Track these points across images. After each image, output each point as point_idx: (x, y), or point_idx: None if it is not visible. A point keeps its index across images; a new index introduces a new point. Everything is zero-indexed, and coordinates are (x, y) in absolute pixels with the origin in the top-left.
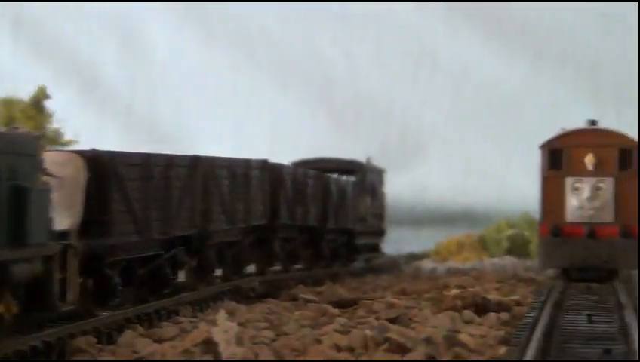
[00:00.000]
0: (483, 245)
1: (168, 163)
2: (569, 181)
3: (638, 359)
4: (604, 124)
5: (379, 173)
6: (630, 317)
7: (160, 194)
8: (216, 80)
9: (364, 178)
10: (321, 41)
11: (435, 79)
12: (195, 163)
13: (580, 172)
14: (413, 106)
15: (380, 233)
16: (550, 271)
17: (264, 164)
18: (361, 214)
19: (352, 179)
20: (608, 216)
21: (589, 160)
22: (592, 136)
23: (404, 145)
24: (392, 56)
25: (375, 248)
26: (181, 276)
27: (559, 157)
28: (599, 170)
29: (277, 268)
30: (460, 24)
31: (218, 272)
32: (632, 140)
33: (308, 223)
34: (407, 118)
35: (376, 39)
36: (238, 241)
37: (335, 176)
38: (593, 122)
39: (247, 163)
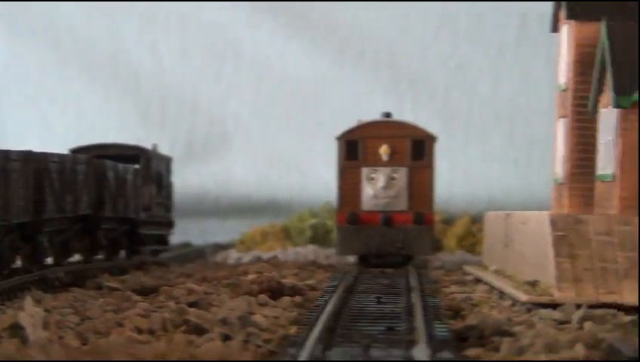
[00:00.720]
0: (287, 234)
1: None
2: (365, 171)
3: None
4: (402, 115)
5: (166, 161)
6: (416, 298)
7: None
8: (22, 76)
9: (149, 165)
10: (126, 36)
11: (239, 72)
12: None
13: (375, 162)
14: (217, 99)
15: (168, 224)
16: (349, 258)
17: (26, 156)
18: (146, 203)
19: (136, 166)
20: (402, 204)
21: (384, 151)
22: (386, 128)
23: (209, 136)
24: (196, 51)
25: (163, 240)
26: None
27: (355, 148)
28: (393, 161)
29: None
30: (263, 19)
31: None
32: (424, 131)
33: (79, 212)
34: (212, 111)
35: (180, 34)
36: None
37: (114, 162)
38: (388, 114)
39: (5, 155)
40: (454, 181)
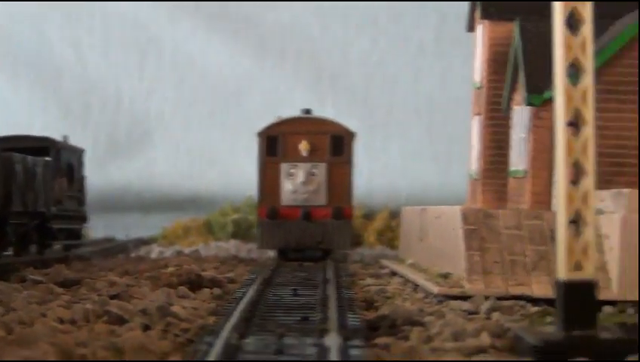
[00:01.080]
0: (209, 229)
1: None
2: (284, 166)
3: None
4: (324, 112)
5: (78, 153)
6: (331, 290)
7: None
8: None
9: (59, 157)
10: (50, 33)
11: (161, 69)
12: None
13: (295, 158)
14: (140, 95)
15: (81, 218)
16: (270, 252)
17: None
18: (57, 196)
19: (46, 158)
20: (322, 199)
21: (304, 146)
22: (306, 124)
23: (131, 132)
24: (119, 47)
25: (75, 234)
26: None
27: (275, 144)
28: (313, 156)
29: None
30: (185, 16)
31: None
32: (343, 128)
33: None
34: (135, 107)
35: (103, 30)
36: None
37: (22, 154)
38: (307, 111)
39: None
40: (375, 176)
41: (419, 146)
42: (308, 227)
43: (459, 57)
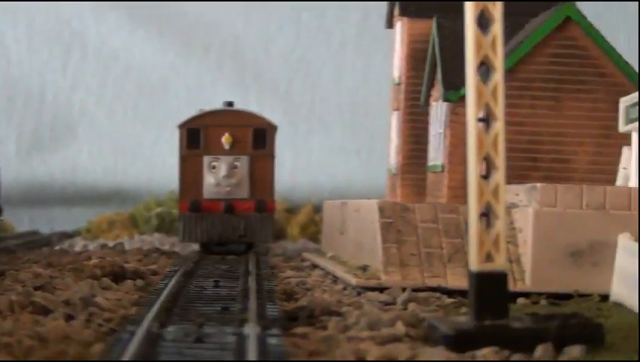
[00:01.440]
0: (133, 222)
1: None
2: (206, 159)
3: None
4: (247, 106)
5: None
6: (252, 282)
7: None
8: None
9: None
10: None
11: (85, 63)
12: None
13: (217, 151)
14: (63, 89)
15: None
16: (195, 246)
17: None
18: None
19: None
20: (244, 193)
21: (226, 139)
22: (228, 117)
23: (55, 126)
24: (42, 41)
25: None
26: None
27: (197, 136)
28: (235, 149)
29: None
30: (109, 10)
31: None
32: (266, 120)
33: None
34: (59, 101)
35: (27, 24)
36: None
37: None
38: (230, 103)
39: None
40: (298, 171)
41: (341, 141)
42: (230, 220)
43: (380, 54)
